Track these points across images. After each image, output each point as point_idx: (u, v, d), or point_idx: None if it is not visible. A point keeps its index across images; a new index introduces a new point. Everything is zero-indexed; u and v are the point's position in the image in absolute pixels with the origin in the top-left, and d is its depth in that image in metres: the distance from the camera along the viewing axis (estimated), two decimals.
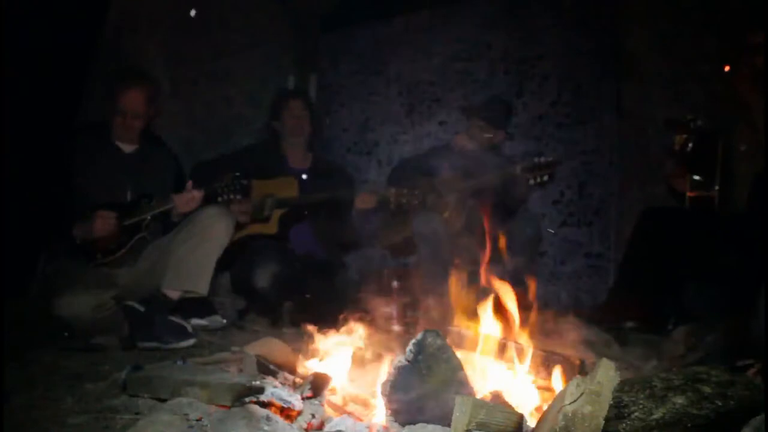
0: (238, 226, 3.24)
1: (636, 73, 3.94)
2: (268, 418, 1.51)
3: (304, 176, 3.71)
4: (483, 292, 2.09)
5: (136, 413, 1.71)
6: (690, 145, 2.99)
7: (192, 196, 2.94)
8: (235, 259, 3.37)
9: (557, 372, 1.82)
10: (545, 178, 3.46)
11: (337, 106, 5.00)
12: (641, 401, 1.34)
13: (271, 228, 3.53)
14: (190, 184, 2.98)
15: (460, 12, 4.56)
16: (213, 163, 3.66)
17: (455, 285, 2.18)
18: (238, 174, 3.05)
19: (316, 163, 3.84)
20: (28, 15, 3.13)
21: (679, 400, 1.34)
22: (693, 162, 3.00)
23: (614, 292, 3.23)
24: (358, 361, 2.01)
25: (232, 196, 3.02)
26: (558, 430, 1.28)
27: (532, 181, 3.48)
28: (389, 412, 1.58)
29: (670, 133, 3.10)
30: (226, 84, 4.59)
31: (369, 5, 4.79)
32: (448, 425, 1.38)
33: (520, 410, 1.53)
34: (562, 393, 1.36)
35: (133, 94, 3.05)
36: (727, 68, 3.08)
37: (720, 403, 1.34)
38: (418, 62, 4.70)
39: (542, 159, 3.47)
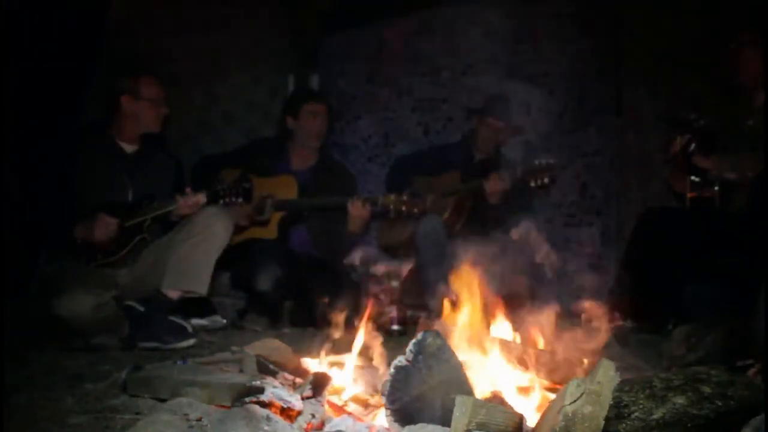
0: (238, 230, 3.23)
1: (636, 74, 3.95)
2: (268, 418, 1.51)
3: (305, 176, 3.69)
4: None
5: (136, 413, 1.70)
6: (693, 144, 2.99)
7: (196, 200, 2.94)
8: (235, 260, 3.37)
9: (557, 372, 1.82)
10: (546, 180, 3.45)
11: (352, 116, 4.98)
12: (641, 401, 1.34)
13: (271, 233, 3.51)
14: (189, 189, 2.97)
15: (460, 16, 4.56)
16: (217, 158, 3.66)
17: (455, 285, 2.18)
18: (240, 177, 3.05)
19: (319, 164, 3.76)
20: (29, 15, 3.13)
21: (679, 400, 1.34)
22: (694, 162, 3.01)
23: (614, 292, 3.23)
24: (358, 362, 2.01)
25: (234, 200, 3.01)
26: (558, 430, 1.28)
27: (533, 184, 3.47)
28: (389, 412, 1.57)
29: (673, 132, 3.11)
30: (225, 83, 4.60)
31: (368, 5, 4.79)
32: (448, 425, 1.38)
33: (520, 410, 1.53)
34: (562, 393, 1.36)
35: (153, 82, 3.08)
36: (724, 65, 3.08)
37: (720, 403, 1.34)
38: (427, 76, 4.69)
39: (543, 161, 3.46)
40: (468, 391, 1.60)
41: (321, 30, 5.07)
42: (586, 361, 1.84)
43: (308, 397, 1.67)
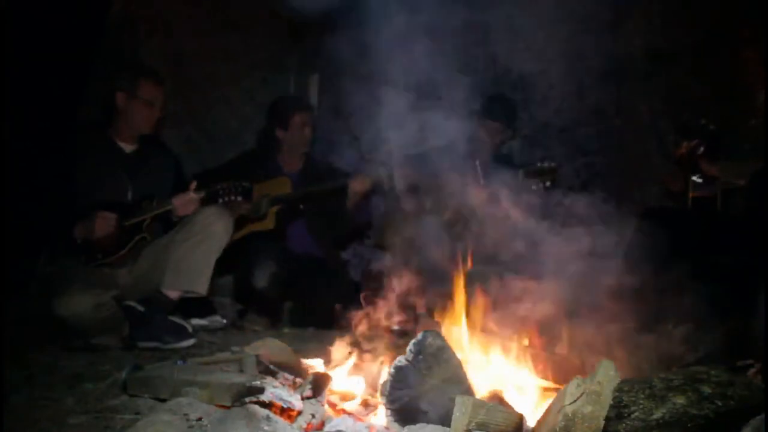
0: (237, 225, 3.23)
1: (636, 74, 3.95)
2: (268, 418, 1.51)
3: (296, 178, 3.71)
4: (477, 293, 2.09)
5: (136, 413, 1.71)
6: (702, 148, 3.00)
7: (191, 198, 2.94)
8: (235, 260, 3.37)
9: (557, 372, 1.82)
10: (548, 183, 3.44)
11: (350, 114, 4.96)
12: (641, 401, 1.34)
13: (269, 224, 3.53)
14: (193, 184, 2.97)
15: (459, 16, 4.55)
16: (207, 174, 3.65)
17: (455, 286, 2.18)
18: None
19: (308, 166, 3.82)
20: (30, 14, 3.13)
21: (679, 400, 1.34)
22: (699, 164, 3.01)
23: (614, 292, 3.22)
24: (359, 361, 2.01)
25: (233, 198, 3.01)
26: (558, 430, 1.28)
27: (534, 186, 3.47)
28: (389, 412, 1.58)
29: (682, 136, 3.11)
30: (225, 84, 4.59)
31: (367, 6, 4.78)
32: (448, 425, 1.39)
33: (520, 410, 1.53)
34: (562, 393, 1.36)
35: (152, 83, 3.09)
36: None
37: (720, 403, 1.34)
38: (425, 75, 4.68)
39: (546, 164, 3.45)
40: (468, 391, 1.60)
41: (321, 30, 5.06)
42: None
43: (308, 397, 1.68)
